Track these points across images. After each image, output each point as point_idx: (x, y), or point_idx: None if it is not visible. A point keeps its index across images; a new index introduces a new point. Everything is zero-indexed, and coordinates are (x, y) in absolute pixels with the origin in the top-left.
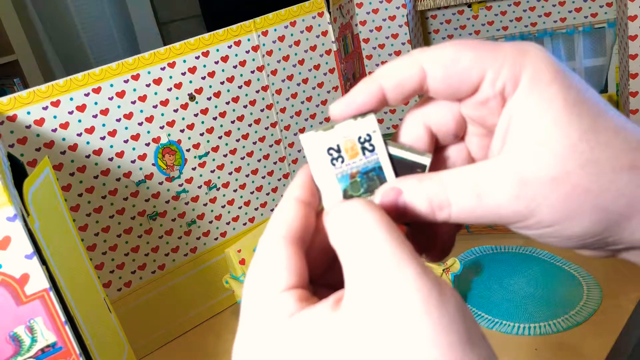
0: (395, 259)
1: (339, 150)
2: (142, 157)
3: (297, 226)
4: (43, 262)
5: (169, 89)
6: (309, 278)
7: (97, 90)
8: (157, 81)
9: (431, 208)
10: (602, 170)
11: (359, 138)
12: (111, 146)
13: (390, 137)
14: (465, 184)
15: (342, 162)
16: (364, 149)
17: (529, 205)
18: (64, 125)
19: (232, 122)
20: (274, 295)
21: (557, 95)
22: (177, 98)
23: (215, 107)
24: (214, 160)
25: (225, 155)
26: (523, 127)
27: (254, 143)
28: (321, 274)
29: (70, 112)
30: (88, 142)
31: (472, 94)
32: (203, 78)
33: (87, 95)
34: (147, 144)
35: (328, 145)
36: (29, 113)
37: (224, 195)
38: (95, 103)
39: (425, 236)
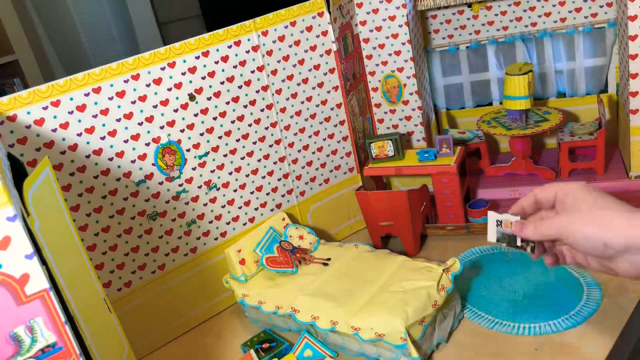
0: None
1: (500, 223)
2: (142, 157)
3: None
4: (43, 262)
5: (169, 89)
6: None
7: (97, 90)
8: (157, 81)
9: (536, 229)
10: (611, 213)
11: (509, 221)
12: (111, 146)
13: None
14: (545, 219)
15: (501, 227)
16: (510, 224)
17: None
18: (64, 125)
19: (232, 122)
20: None
21: (586, 191)
22: (177, 98)
23: (215, 107)
24: (214, 160)
25: (225, 155)
26: (574, 202)
27: (254, 143)
28: None
29: (70, 112)
30: (88, 142)
31: (553, 200)
32: (203, 78)
33: (87, 95)
34: (147, 144)
35: (497, 219)
36: (29, 113)
37: (224, 195)
38: (95, 103)
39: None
